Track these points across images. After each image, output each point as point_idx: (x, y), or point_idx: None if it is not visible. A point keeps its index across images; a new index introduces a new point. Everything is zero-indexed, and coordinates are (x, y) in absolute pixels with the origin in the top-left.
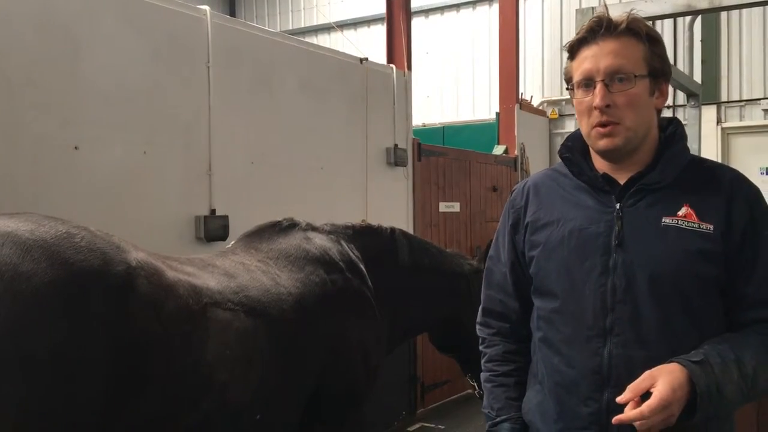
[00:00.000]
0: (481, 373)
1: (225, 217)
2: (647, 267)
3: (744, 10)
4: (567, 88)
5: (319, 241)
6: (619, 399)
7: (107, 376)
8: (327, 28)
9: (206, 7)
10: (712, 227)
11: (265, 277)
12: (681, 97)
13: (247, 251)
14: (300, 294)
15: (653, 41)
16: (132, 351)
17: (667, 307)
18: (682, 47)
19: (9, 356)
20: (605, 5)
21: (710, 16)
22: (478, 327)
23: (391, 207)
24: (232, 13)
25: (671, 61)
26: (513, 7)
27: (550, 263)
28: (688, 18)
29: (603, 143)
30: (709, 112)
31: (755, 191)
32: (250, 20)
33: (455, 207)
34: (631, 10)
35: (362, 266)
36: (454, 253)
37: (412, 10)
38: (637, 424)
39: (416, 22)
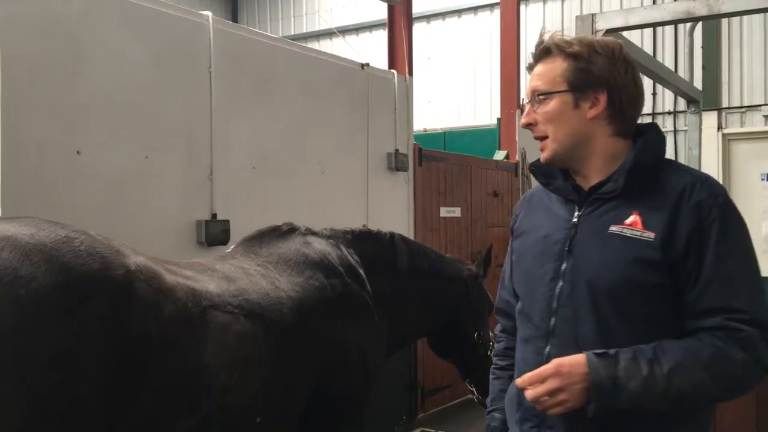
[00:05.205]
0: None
1: (226, 222)
2: (587, 273)
3: (744, 17)
4: None
5: (319, 246)
6: (517, 381)
7: (107, 379)
8: (329, 34)
9: (208, 13)
10: (653, 235)
11: (265, 281)
12: (681, 103)
13: (246, 255)
14: (299, 298)
15: (574, 56)
16: (131, 354)
17: (603, 313)
18: (682, 53)
19: (8, 359)
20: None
21: (710, 23)
22: None
23: (392, 212)
24: (234, 19)
25: (672, 68)
26: (514, 13)
27: (520, 268)
28: (688, 24)
29: (541, 157)
30: (709, 119)
31: (716, 199)
32: (252, 25)
33: (456, 212)
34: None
35: (361, 271)
36: (453, 258)
37: (414, 16)
38: (525, 392)
39: (418, 28)
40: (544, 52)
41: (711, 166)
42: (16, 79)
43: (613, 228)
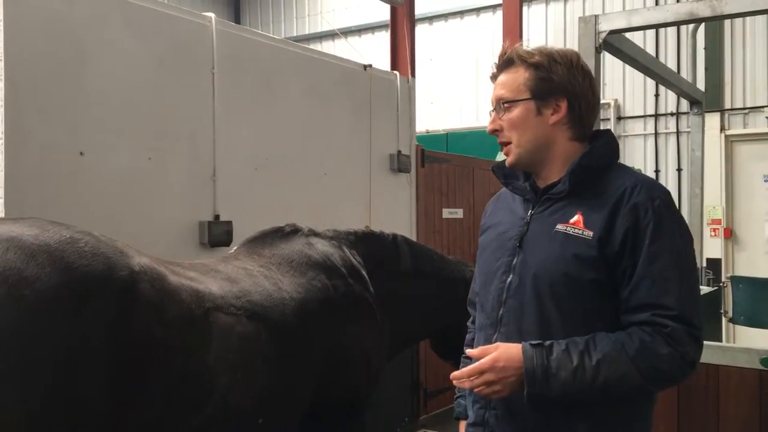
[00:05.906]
0: None
1: (229, 223)
2: (533, 268)
3: (747, 18)
4: None
5: (321, 247)
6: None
7: (110, 380)
8: (331, 35)
9: (211, 14)
10: (591, 234)
11: (268, 282)
12: (684, 104)
13: (249, 256)
14: (302, 299)
15: (535, 66)
16: (135, 355)
17: (544, 305)
18: (685, 54)
19: (12, 360)
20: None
21: (713, 24)
22: None
23: (395, 213)
24: (237, 20)
25: (674, 69)
26: (516, 14)
27: (480, 261)
28: (691, 25)
29: (506, 161)
30: (712, 120)
31: (652, 201)
32: (255, 27)
33: (458, 213)
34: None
35: (364, 272)
36: (456, 259)
37: (416, 17)
38: (456, 382)
39: (420, 29)
40: (506, 62)
41: (714, 167)
42: (20, 80)
43: (559, 226)
